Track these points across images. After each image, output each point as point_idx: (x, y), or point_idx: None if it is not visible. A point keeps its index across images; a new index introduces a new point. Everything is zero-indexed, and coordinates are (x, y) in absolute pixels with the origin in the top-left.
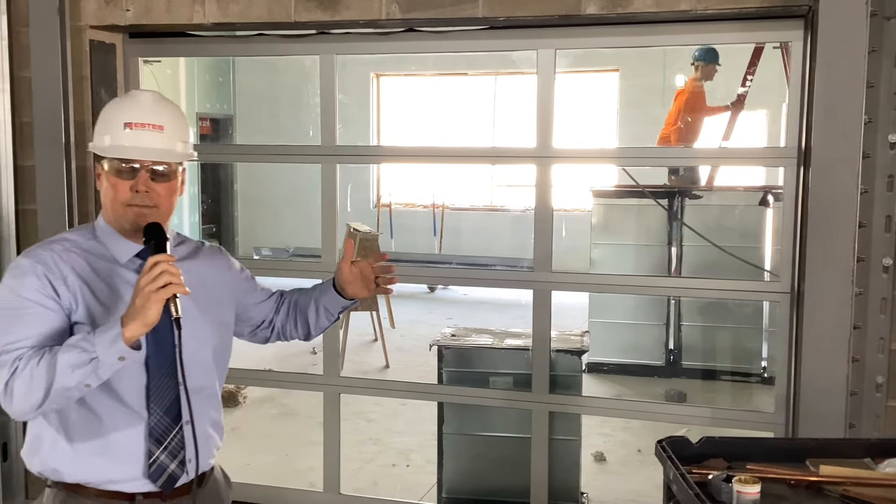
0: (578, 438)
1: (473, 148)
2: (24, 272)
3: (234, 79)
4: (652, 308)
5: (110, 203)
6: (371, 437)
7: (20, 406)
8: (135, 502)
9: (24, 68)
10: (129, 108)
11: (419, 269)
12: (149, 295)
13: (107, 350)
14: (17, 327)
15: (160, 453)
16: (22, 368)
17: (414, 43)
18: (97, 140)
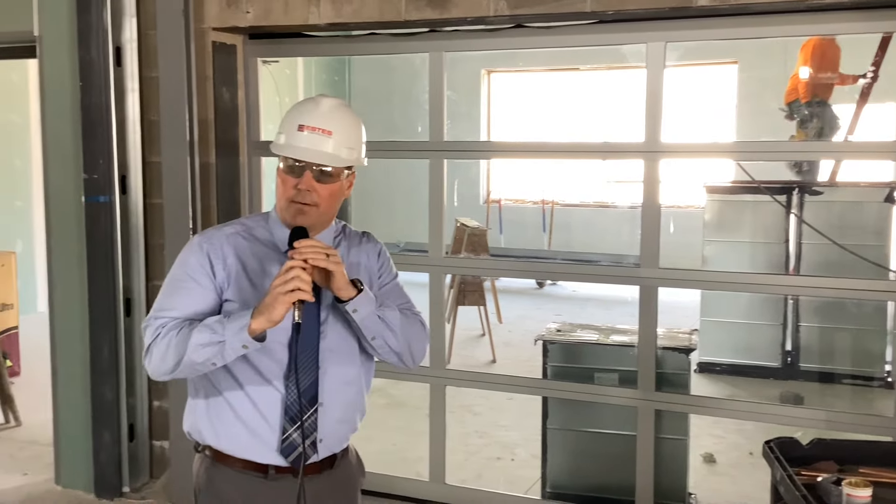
0: (686, 438)
1: (579, 143)
2: (192, 249)
3: (350, 78)
4: (768, 307)
5: (279, 197)
6: (477, 430)
7: (155, 369)
8: (267, 475)
9: (151, 69)
10: (308, 112)
11: (524, 264)
12: (277, 296)
13: (233, 336)
14: (173, 297)
15: (293, 431)
16: (163, 336)
17: (522, 39)
18: (276, 138)
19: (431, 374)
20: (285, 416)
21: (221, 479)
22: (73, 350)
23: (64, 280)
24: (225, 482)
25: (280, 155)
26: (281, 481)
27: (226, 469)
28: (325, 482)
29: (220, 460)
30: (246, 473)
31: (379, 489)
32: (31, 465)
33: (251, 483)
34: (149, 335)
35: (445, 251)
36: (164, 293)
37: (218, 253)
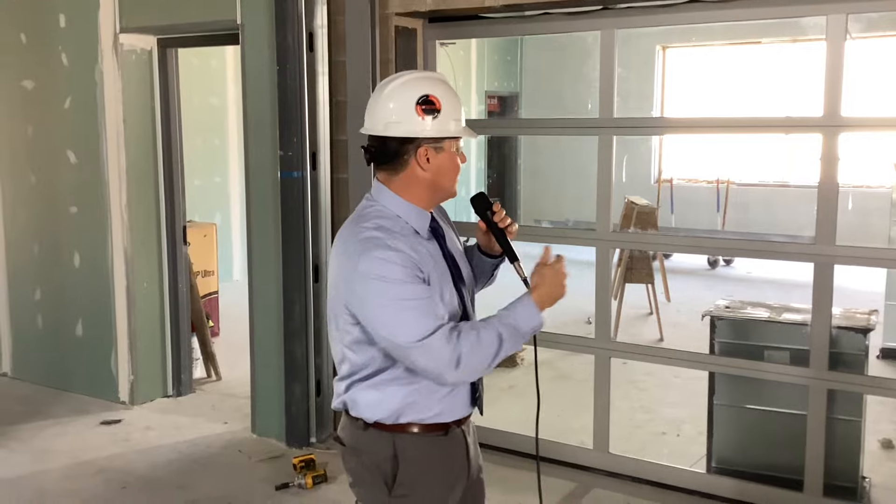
0: (860, 420)
1: (752, 118)
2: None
3: (522, 58)
4: None
5: (448, 180)
6: (642, 406)
7: (466, 374)
8: (447, 433)
9: (339, 53)
10: (454, 92)
11: (690, 239)
12: (562, 280)
13: (528, 323)
14: (423, 312)
15: (479, 383)
16: (466, 342)
17: (697, 14)
18: (454, 125)
19: (597, 346)
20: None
21: (415, 447)
22: (269, 312)
23: (261, 248)
24: (420, 449)
25: (463, 136)
26: (454, 433)
27: (415, 437)
28: (470, 425)
29: (404, 431)
30: (432, 436)
31: (544, 455)
32: (230, 416)
33: (439, 443)
34: (444, 351)
35: (613, 228)
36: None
37: (415, 258)
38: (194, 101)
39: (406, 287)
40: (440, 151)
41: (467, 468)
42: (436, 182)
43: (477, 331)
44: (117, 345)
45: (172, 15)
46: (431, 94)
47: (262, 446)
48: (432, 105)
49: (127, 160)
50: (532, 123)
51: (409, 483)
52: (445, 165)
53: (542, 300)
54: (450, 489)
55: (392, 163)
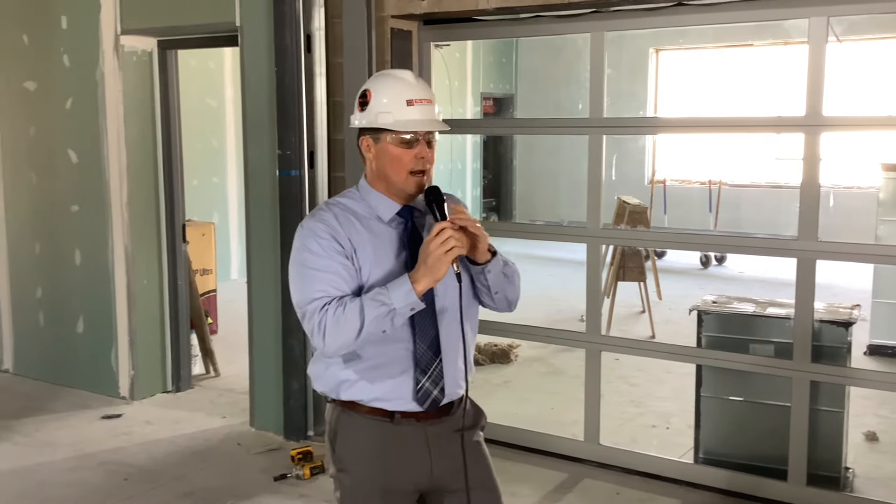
0: (842, 411)
1: (734, 118)
2: (314, 234)
3: (516, 60)
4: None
5: (394, 172)
6: (633, 400)
7: (334, 348)
8: (393, 420)
9: (336, 54)
10: (406, 86)
11: (677, 235)
12: (439, 257)
13: (402, 302)
14: (318, 282)
15: (425, 381)
16: (332, 317)
17: (683, 17)
18: (381, 118)
19: (587, 340)
20: (417, 368)
21: (353, 425)
22: (267, 307)
23: (260, 245)
24: (356, 428)
25: (397, 131)
26: (405, 425)
27: (355, 416)
28: (442, 427)
29: (350, 408)
30: (374, 419)
31: (535, 446)
32: (228, 410)
33: (379, 427)
34: (314, 320)
35: (602, 225)
36: (304, 280)
37: (339, 232)
38: (193, 103)
39: (312, 255)
40: (378, 142)
41: (427, 468)
42: (380, 172)
43: (345, 305)
44: (117, 341)
45: (173, 17)
46: (368, 89)
47: (261, 439)
48: (364, 98)
49: (127, 159)
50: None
51: (344, 458)
52: (384, 155)
53: (418, 278)
54: (388, 476)
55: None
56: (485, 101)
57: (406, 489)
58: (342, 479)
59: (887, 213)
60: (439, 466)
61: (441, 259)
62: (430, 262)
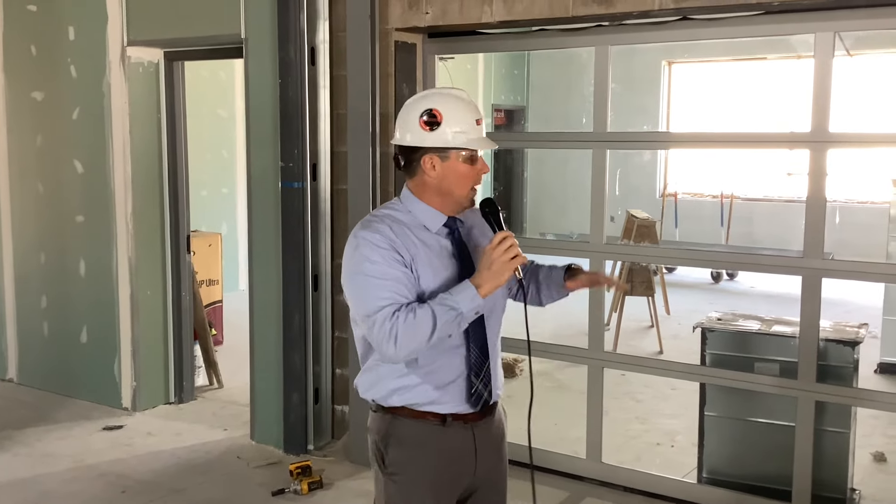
0: (848, 431)
1: (740, 133)
2: (373, 244)
3: (528, 72)
4: None
5: (459, 187)
6: (638, 417)
7: (405, 353)
8: (445, 423)
9: (340, 67)
10: (472, 108)
11: (682, 251)
12: (504, 263)
13: (468, 306)
14: (382, 289)
15: (478, 383)
16: (403, 322)
17: (687, 31)
18: (457, 138)
19: (590, 357)
20: (470, 371)
21: (407, 430)
22: (269, 320)
23: (262, 257)
24: (410, 432)
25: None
26: (455, 427)
27: (408, 421)
28: (485, 427)
29: (402, 415)
30: (427, 423)
31: (538, 463)
32: (230, 423)
33: (432, 430)
34: (385, 327)
35: (606, 240)
36: (368, 289)
37: (397, 242)
38: (203, 113)
39: (374, 265)
40: (445, 160)
41: (472, 467)
42: (443, 187)
43: (415, 311)
44: (121, 352)
45: (179, 29)
46: (435, 108)
47: (261, 453)
48: (434, 118)
49: (133, 170)
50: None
51: (398, 463)
52: (452, 173)
53: (482, 283)
54: (441, 477)
55: (407, 168)
56: (496, 113)
57: (456, 490)
58: (395, 483)
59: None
60: (482, 466)
61: (506, 265)
62: (494, 268)
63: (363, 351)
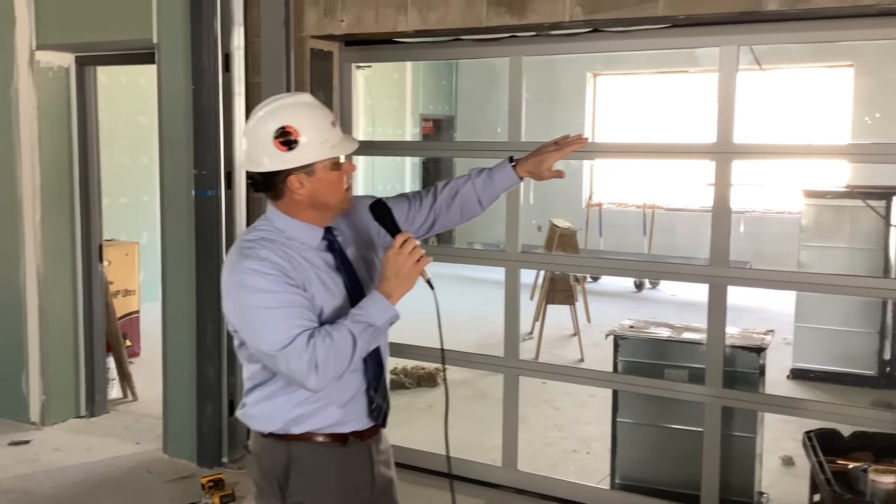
0: (755, 436)
1: (647, 143)
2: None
3: (456, 82)
4: (866, 315)
5: (332, 196)
6: (556, 424)
7: (325, 379)
8: (346, 443)
9: (255, 74)
10: (322, 111)
11: (592, 260)
12: (410, 267)
13: (383, 318)
14: (286, 318)
15: (376, 396)
16: (322, 347)
17: (597, 43)
18: (320, 150)
19: (505, 365)
20: (368, 384)
21: (308, 456)
22: (183, 330)
23: (176, 266)
24: (311, 458)
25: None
26: (355, 445)
27: (309, 446)
28: (378, 441)
29: (303, 440)
30: (328, 445)
31: (455, 472)
32: (143, 436)
33: (334, 452)
34: (302, 358)
35: (521, 249)
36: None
37: (283, 265)
38: (122, 120)
39: (269, 295)
40: (312, 174)
41: (370, 483)
42: (316, 201)
43: (331, 334)
44: (28, 364)
45: (89, 33)
46: (287, 125)
47: (173, 466)
48: (289, 136)
49: (41, 177)
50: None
51: (301, 490)
52: (322, 185)
53: (391, 290)
54: (344, 498)
55: (270, 192)
56: (424, 123)
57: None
58: None
59: (809, 238)
60: (379, 481)
61: (413, 269)
62: (402, 274)
63: (256, 382)
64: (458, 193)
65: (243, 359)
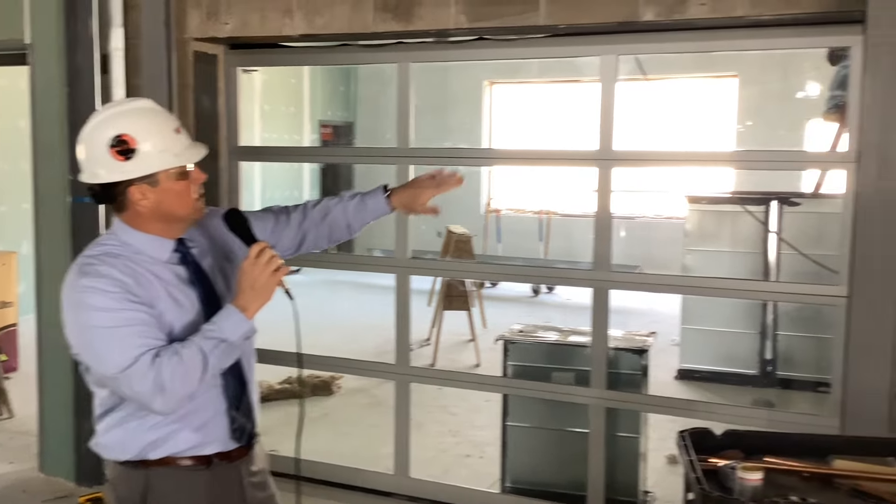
0: (639, 436)
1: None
2: (100, 290)
3: (355, 87)
4: (748, 316)
5: (181, 207)
6: (451, 430)
7: (173, 401)
8: (210, 466)
9: (136, 76)
10: (164, 118)
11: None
12: (267, 278)
13: (236, 333)
14: (129, 337)
15: (238, 415)
16: (168, 366)
17: (483, 51)
18: (163, 160)
19: (396, 372)
20: (229, 403)
21: (167, 482)
22: (60, 343)
23: (51, 277)
24: (172, 484)
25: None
26: (221, 468)
27: (168, 472)
28: (249, 462)
29: (161, 466)
30: (190, 469)
31: (346, 482)
32: (18, 455)
33: (197, 476)
34: (146, 379)
35: (411, 255)
36: (111, 342)
37: (125, 282)
38: (1, 124)
39: (110, 314)
40: (155, 185)
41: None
42: (162, 213)
43: (179, 353)
44: None
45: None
46: (124, 134)
47: (50, 486)
48: (126, 145)
49: None
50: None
51: None
52: (167, 195)
53: (247, 304)
54: None
55: (112, 204)
56: (323, 129)
57: None
58: None
59: (693, 243)
60: (253, 499)
61: (270, 280)
62: (258, 286)
63: (106, 408)
64: (328, 215)
65: (91, 384)
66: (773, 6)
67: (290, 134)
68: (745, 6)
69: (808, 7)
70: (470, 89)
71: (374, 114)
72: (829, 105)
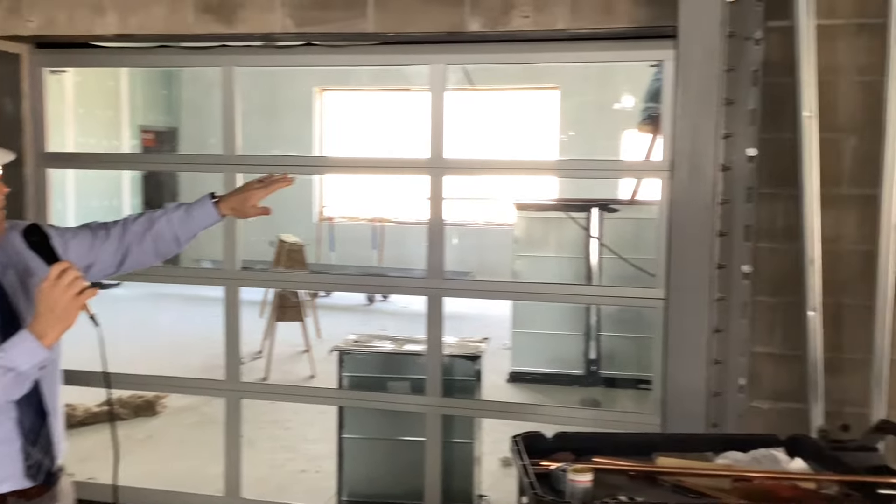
0: (473, 441)
1: (369, 158)
2: None
3: (179, 92)
4: (574, 319)
5: None
6: (285, 445)
7: None
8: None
9: None
10: None
11: (313, 276)
12: (69, 301)
13: (29, 362)
14: None
15: (35, 451)
16: None
17: (311, 57)
18: None
19: (226, 388)
20: (24, 438)
21: None
22: None
23: None
24: None
25: None
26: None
27: None
28: (52, 499)
29: None
30: None
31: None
32: None
33: None
34: None
35: (242, 265)
36: None
37: None
38: None
39: None
40: None
41: None
42: None
43: None
44: None
45: None
46: None
47: None
48: None
49: None
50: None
51: None
52: None
53: (45, 330)
54: None
55: None
56: (144, 135)
57: None
58: None
59: (521, 249)
60: None
61: (73, 304)
62: (58, 310)
63: None
64: (152, 228)
65: None
66: (591, 20)
67: (109, 139)
68: (565, 19)
69: (624, 22)
70: (300, 96)
71: (199, 119)
72: (643, 116)
